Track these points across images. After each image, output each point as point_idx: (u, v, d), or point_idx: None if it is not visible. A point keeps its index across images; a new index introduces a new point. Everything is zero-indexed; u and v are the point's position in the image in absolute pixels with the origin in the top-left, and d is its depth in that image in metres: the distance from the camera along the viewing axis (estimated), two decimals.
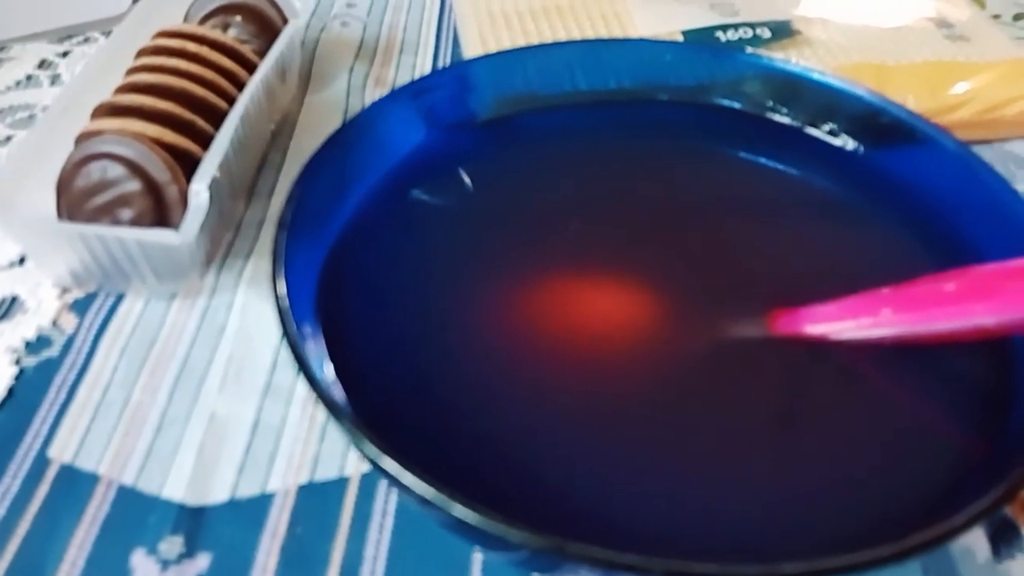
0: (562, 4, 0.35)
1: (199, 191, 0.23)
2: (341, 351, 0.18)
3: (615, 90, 0.26)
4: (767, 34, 0.33)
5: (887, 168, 0.24)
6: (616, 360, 0.19)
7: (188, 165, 0.24)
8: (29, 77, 0.35)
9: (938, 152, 0.22)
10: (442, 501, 0.13)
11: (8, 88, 0.34)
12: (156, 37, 0.28)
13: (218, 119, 0.25)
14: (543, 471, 0.17)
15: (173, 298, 0.25)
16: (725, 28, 0.33)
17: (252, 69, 0.28)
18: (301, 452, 0.21)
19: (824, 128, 0.25)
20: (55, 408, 0.22)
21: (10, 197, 0.23)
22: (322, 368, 0.17)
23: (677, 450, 0.18)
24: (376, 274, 0.21)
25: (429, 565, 0.19)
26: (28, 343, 0.24)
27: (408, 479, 0.14)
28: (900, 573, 0.19)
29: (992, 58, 0.32)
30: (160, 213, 0.23)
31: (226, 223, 0.27)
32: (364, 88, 0.34)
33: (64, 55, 0.36)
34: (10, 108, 0.33)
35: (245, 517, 0.20)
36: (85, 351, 0.23)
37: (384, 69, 0.35)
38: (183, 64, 0.26)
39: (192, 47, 0.27)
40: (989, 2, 0.39)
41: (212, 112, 0.26)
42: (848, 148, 0.24)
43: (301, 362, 0.15)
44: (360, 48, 0.36)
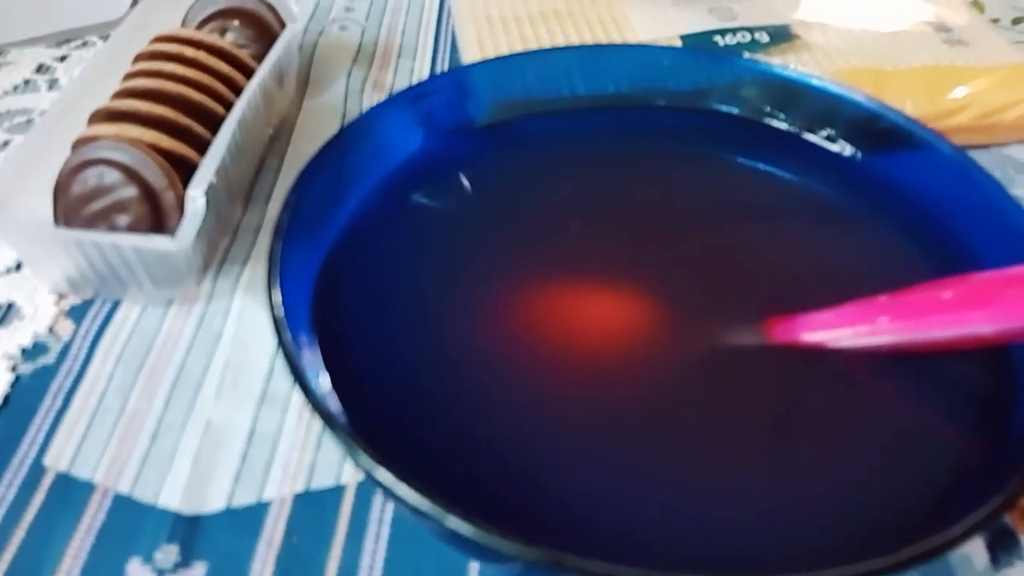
0: (560, 9, 0.35)
1: (195, 197, 0.23)
2: (338, 359, 0.18)
3: (613, 95, 0.26)
4: (765, 39, 0.33)
5: (884, 174, 0.24)
6: (613, 367, 0.19)
7: (185, 170, 0.24)
8: (27, 82, 0.35)
9: (935, 158, 0.22)
10: (436, 513, 0.13)
11: (5, 93, 0.34)
12: (153, 42, 0.28)
13: (215, 124, 0.25)
14: (541, 479, 0.17)
15: (170, 304, 0.25)
16: (724, 32, 0.33)
17: (250, 74, 0.28)
18: (297, 460, 0.21)
19: (822, 134, 0.25)
20: (51, 415, 0.22)
21: (6, 202, 0.23)
22: (317, 378, 0.17)
23: (674, 457, 0.18)
24: (374, 280, 0.21)
25: (425, 575, 0.19)
26: (24, 350, 0.24)
27: (402, 490, 0.14)
28: None
29: (991, 62, 0.32)
30: (157, 219, 0.23)
31: (223, 228, 0.27)
32: (362, 92, 0.34)
33: (62, 59, 0.36)
34: (7, 113, 0.33)
35: (241, 526, 0.20)
36: (81, 358, 0.23)
37: (382, 73, 0.35)
38: (180, 69, 0.26)
39: (189, 52, 0.27)
40: (988, 6, 0.39)
41: (209, 117, 0.26)
42: (845, 154, 0.24)
43: (296, 372, 0.15)
44: (358, 52, 0.36)
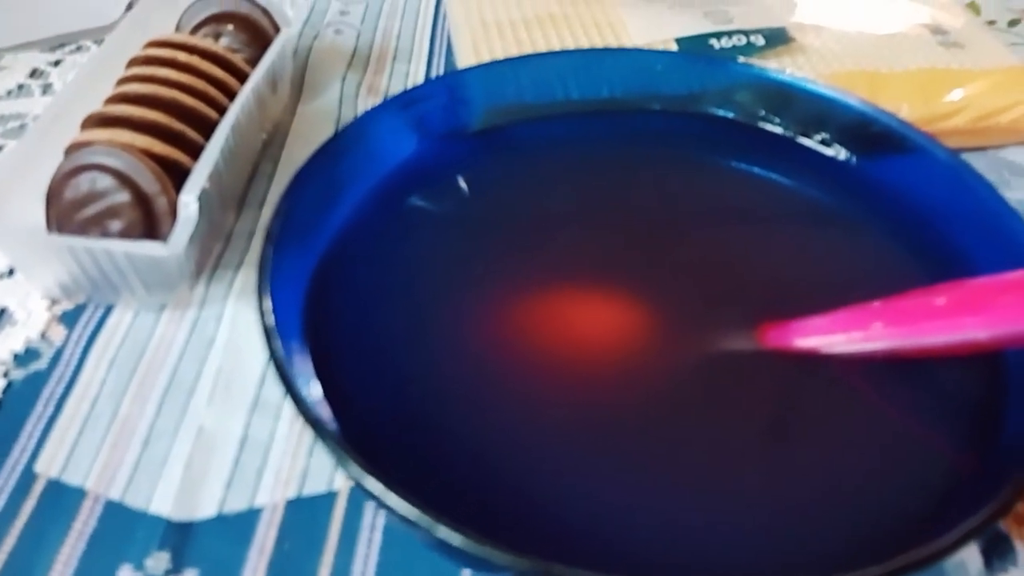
0: (556, 13, 0.35)
1: (188, 203, 0.23)
2: (330, 366, 0.18)
3: (607, 100, 0.26)
4: (761, 42, 0.33)
5: (879, 178, 0.24)
6: (606, 373, 0.19)
7: (178, 176, 0.24)
8: (21, 86, 0.35)
9: (929, 162, 0.22)
10: (426, 522, 0.13)
11: None
12: (147, 47, 0.28)
13: (209, 129, 0.25)
14: (535, 486, 0.17)
15: (162, 310, 0.25)
16: (719, 36, 0.33)
17: (244, 79, 0.28)
18: (290, 466, 0.21)
19: (816, 138, 0.25)
20: (43, 421, 0.22)
21: None
22: (308, 386, 0.17)
23: (666, 464, 0.18)
24: (367, 286, 0.21)
25: None
26: (16, 355, 0.23)
27: (392, 500, 0.13)
28: None
29: (987, 65, 0.32)
30: (149, 224, 0.23)
31: (216, 234, 0.27)
32: (357, 97, 0.34)
33: (56, 64, 0.36)
34: (1, 118, 0.33)
35: (232, 532, 0.19)
36: (74, 363, 0.23)
37: (377, 77, 0.35)
38: (173, 74, 0.26)
39: (183, 57, 0.27)
40: (984, 8, 0.39)
41: (203, 122, 0.26)
42: (840, 158, 0.24)
43: (285, 380, 0.15)
44: (353, 56, 0.36)
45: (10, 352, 0.24)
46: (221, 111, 0.26)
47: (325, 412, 0.17)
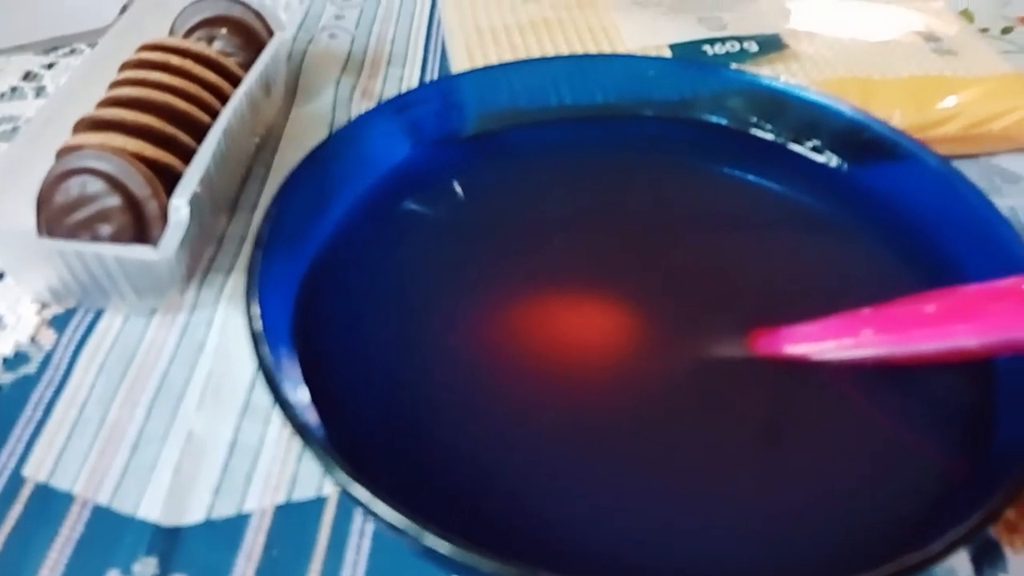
0: (550, 18, 0.35)
1: (179, 207, 0.23)
2: (319, 372, 0.18)
3: (600, 105, 0.26)
4: (754, 48, 0.33)
5: (871, 185, 0.24)
6: (597, 379, 0.19)
7: (169, 180, 0.24)
8: (14, 89, 0.35)
9: (921, 169, 0.22)
10: (412, 529, 0.13)
11: None
12: (140, 50, 0.28)
13: (201, 133, 0.25)
14: (526, 491, 0.17)
15: (152, 314, 0.25)
16: (713, 42, 0.33)
17: (237, 83, 0.28)
18: (279, 472, 0.21)
19: (808, 144, 0.25)
20: (31, 426, 0.22)
21: None
22: (295, 391, 0.17)
23: (660, 468, 0.18)
24: (357, 292, 0.21)
25: None
26: (5, 359, 0.23)
27: (378, 507, 0.13)
28: None
29: (980, 72, 0.32)
30: (140, 229, 0.23)
31: (207, 238, 0.27)
32: (351, 101, 0.33)
33: (49, 67, 0.36)
34: None
35: (221, 538, 0.19)
36: (63, 368, 0.23)
37: (371, 82, 0.35)
38: (166, 78, 0.26)
39: (176, 60, 0.27)
40: (977, 16, 0.40)
41: (195, 126, 0.26)
42: (832, 165, 0.24)
43: (272, 385, 0.15)
44: (347, 61, 0.36)
45: None
46: (214, 115, 0.26)
47: (312, 417, 0.17)
